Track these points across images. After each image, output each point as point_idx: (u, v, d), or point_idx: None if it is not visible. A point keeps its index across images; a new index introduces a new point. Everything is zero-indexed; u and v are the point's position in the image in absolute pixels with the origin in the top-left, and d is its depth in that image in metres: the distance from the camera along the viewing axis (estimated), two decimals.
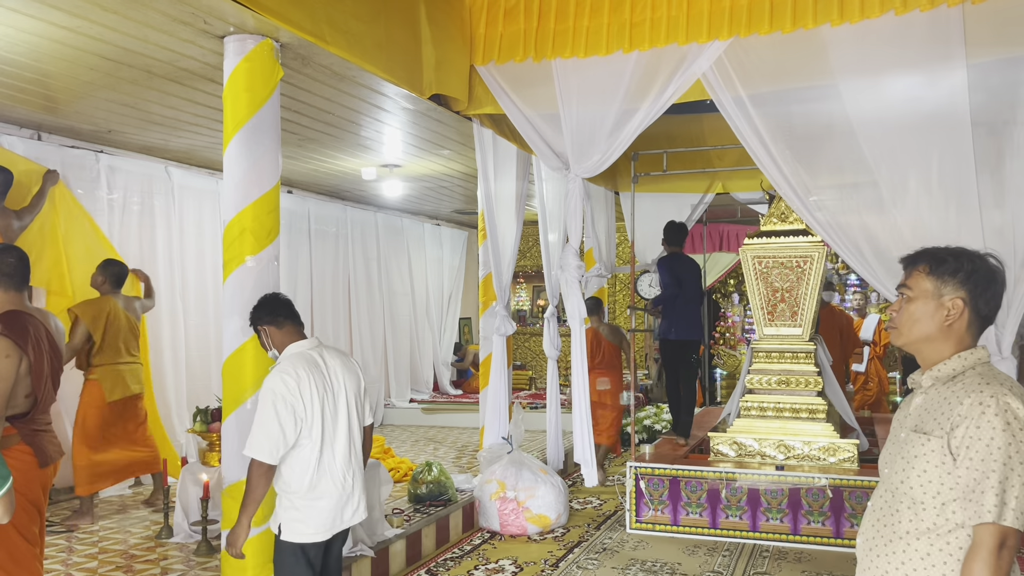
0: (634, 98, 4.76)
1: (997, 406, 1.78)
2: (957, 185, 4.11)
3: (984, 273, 1.91)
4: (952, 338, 1.93)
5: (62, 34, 4.21)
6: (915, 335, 1.95)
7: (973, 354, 1.92)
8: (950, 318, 1.91)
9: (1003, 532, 1.74)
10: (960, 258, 1.92)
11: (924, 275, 1.95)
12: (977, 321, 1.93)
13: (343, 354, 3.52)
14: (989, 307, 1.92)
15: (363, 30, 4.27)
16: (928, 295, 1.93)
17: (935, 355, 1.94)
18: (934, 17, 4.02)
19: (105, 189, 6.80)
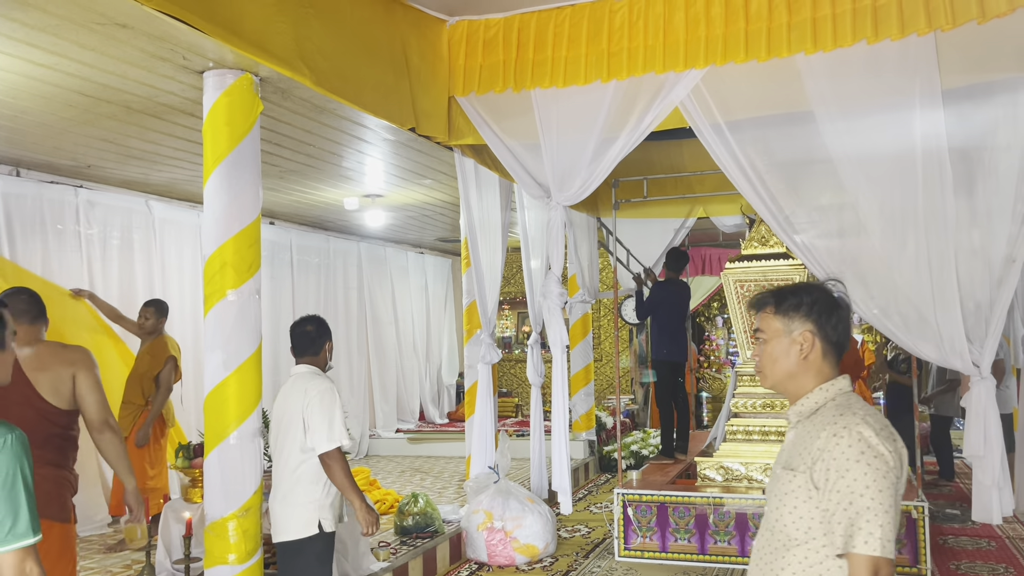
0: (613, 126, 4.80)
1: (850, 436, 1.81)
2: (932, 208, 4.16)
3: (825, 302, 1.97)
4: (811, 371, 1.98)
5: (40, 71, 4.21)
6: (778, 374, 2.00)
7: (833, 385, 1.96)
8: (804, 351, 1.96)
9: (875, 562, 1.76)
10: (799, 293, 1.99)
11: (771, 315, 2.01)
12: (830, 349, 1.98)
13: None
14: (837, 333, 1.97)
15: (343, 64, 4.29)
16: (780, 333, 1.98)
17: (799, 390, 2.00)
18: (906, 46, 4.09)
19: (84, 224, 6.76)
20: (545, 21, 4.87)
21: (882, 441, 1.82)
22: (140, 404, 6.01)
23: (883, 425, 1.87)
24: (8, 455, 1.95)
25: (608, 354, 12.12)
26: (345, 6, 4.31)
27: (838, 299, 1.99)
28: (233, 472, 3.95)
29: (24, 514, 1.94)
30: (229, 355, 3.97)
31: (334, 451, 3.48)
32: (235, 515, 3.92)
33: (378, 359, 11.09)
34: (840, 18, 4.14)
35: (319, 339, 3.73)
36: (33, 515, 1.97)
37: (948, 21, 3.94)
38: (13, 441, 1.97)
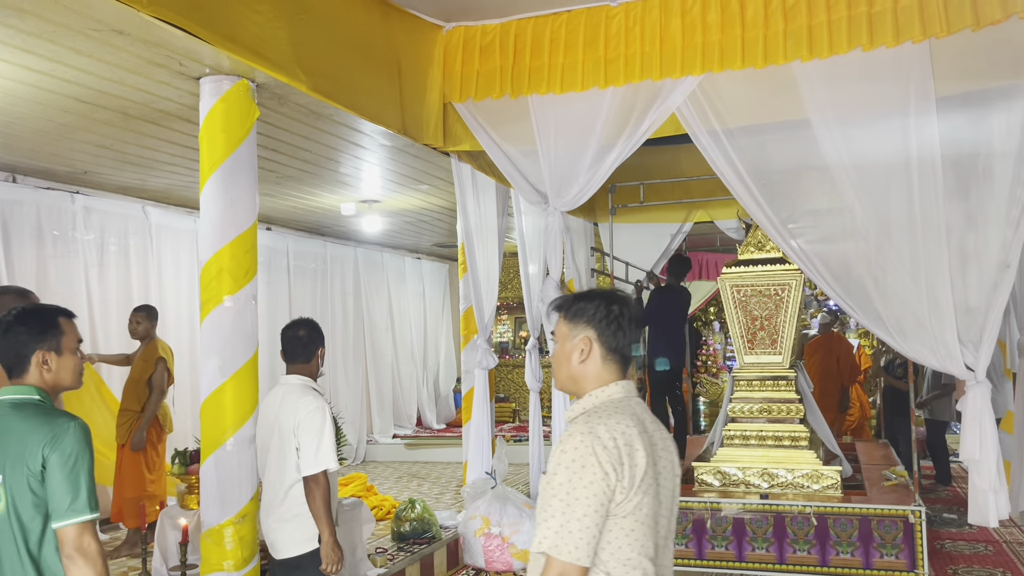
0: (611, 133, 4.81)
1: (573, 442, 1.85)
2: (928, 214, 4.18)
3: (608, 310, 2.03)
4: (590, 375, 2.03)
5: (37, 77, 4.21)
6: (561, 376, 2.07)
7: (604, 391, 2.01)
8: (582, 355, 2.02)
9: (560, 567, 1.79)
10: (586, 299, 2.05)
11: (562, 320, 2.08)
12: (610, 355, 2.03)
13: None
14: (617, 340, 2.03)
15: (339, 70, 4.30)
16: (565, 338, 2.06)
17: (580, 393, 2.06)
18: (900, 53, 4.10)
19: (81, 230, 6.75)
20: (542, 27, 4.88)
21: (600, 452, 1.83)
22: (136, 410, 6.00)
23: (619, 435, 1.87)
24: (72, 440, 2.23)
25: None
26: (341, 12, 4.32)
27: (623, 309, 2.03)
28: (229, 478, 3.95)
29: (83, 493, 2.21)
30: (225, 361, 3.97)
31: (319, 475, 3.35)
32: (231, 522, 3.92)
33: (375, 365, 11.08)
34: (836, 25, 4.16)
35: (311, 344, 3.60)
36: (91, 495, 2.22)
37: (943, 28, 3.96)
38: (76, 428, 2.26)
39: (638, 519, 1.86)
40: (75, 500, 2.19)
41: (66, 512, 2.19)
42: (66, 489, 2.19)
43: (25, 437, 2.24)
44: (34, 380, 2.38)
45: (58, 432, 2.23)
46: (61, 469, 2.20)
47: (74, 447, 2.22)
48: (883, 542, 5.31)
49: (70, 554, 2.18)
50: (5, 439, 2.27)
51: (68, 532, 2.18)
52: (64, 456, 2.21)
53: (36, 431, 2.24)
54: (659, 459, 1.98)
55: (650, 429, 1.99)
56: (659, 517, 1.95)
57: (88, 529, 2.20)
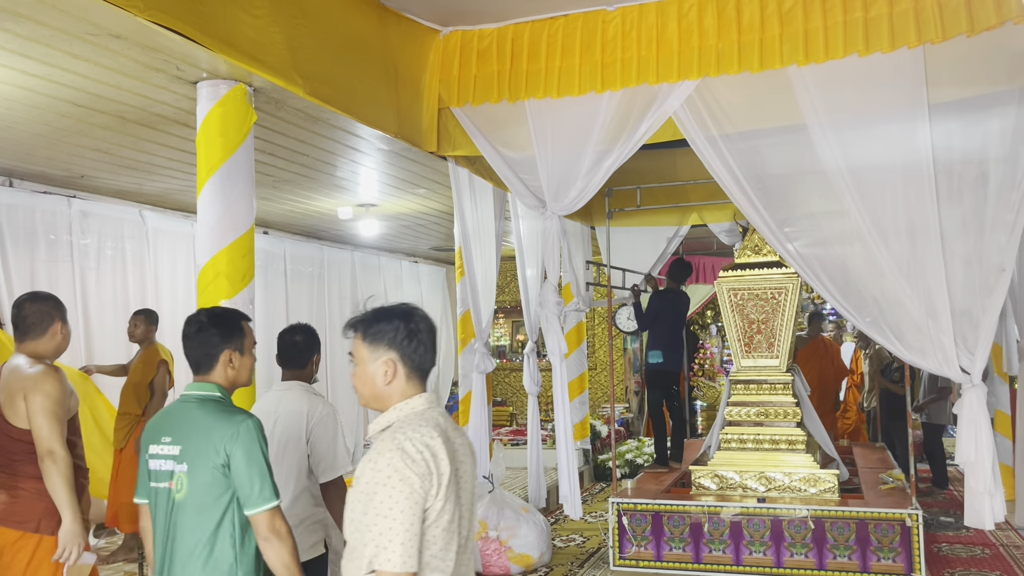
0: (608, 137, 4.82)
1: (388, 459, 1.91)
2: (924, 219, 4.19)
3: (407, 330, 2.08)
4: (395, 393, 2.08)
5: (33, 82, 4.20)
6: (366, 396, 2.12)
7: (407, 405, 2.07)
8: (387, 377, 2.07)
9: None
10: (384, 320, 2.09)
11: (360, 342, 2.10)
12: (414, 372, 2.09)
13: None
14: (419, 358, 2.09)
15: (336, 74, 4.31)
16: (366, 360, 2.09)
17: (385, 408, 2.10)
18: (896, 58, 4.12)
19: (78, 234, 6.74)
20: (538, 31, 4.89)
21: (410, 466, 1.90)
22: (136, 414, 5.97)
23: (424, 447, 1.94)
24: (247, 436, 2.44)
25: (602, 363, 12.13)
26: (338, 17, 4.33)
27: (419, 326, 2.09)
28: None
29: (267, 483, 2.43)
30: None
31: (338, 480, 3.40)
32: None
33: None
34: (832, 30, 4.17)
35: (306, 351, 3.57)
36: (272, 484, 2.45)
37: (938, 34, 3.97)
38: (253, 425, 2.48)
39: (442, 525, 1.95)
40: (262, 489, 2.42)
41: (256, 500, 2.41)
42: (251, 480, 2.41)
43: (209, 432, 2.45)
44: (218, 377, 2.59)
45: (239, 429, 2.44)
46: (244, 462, 2.42)
47: (253, 442, 2.44)
48: (880, 546, 5.31)
49: (266, 536, 2.41)
50: (190, 433, 2.48)
51: (261, 518, 2.41)
52: (245, 450, 2.42)
53: (219, 427, 2.45)
54: (460, 464, 2.06)
55: (451, 436, 2.07)
56: (461, 519, 2.03)
57: (277, 513, 2.43)
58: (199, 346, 2.59)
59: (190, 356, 2.61)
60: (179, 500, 2.47)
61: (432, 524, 1.94)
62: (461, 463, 2.06)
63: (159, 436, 2.54)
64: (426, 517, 1.92)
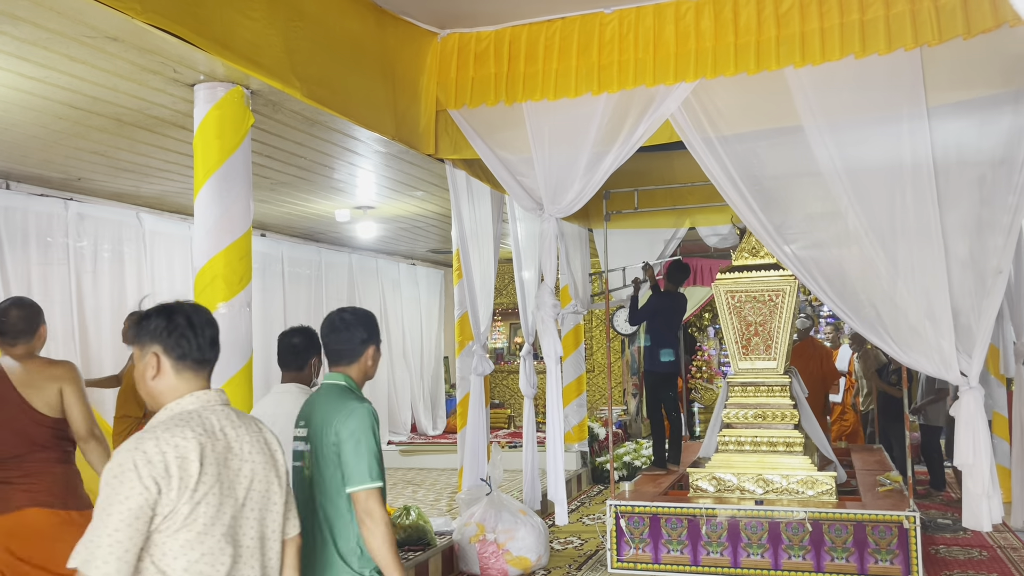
0: (605, 139, 4.82)
1: (121, 457, 1.91)
2: (921, 221, 4.20)
3: (168, 324, 2.08)
4: (165, 390, 2.09)
5: (30, 84, 4.20)
6: (144, 395, 2.14)
7: (177, 404, 2.08)
8: (153, 372, 2.09)
9: None
10: (146, 317, 2.11)
11: (134, 344, 2.14)
12: (181, 365, 2.09)
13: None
14: (183, 348, 2.08)
15: (333, 76, 4.31)
16: (138, 360, 2.11)
17: (159, 408, 2.12)
18: (893, 60, 4.13)
19: (74, 237, 6.73)
20: (536, 34, 4.90)
21: (141, 466, 1.89)
22: (137, 416, 5.85)
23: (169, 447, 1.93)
24: (357, 417, 2.57)
25: (600, 365, 12.12)
26: (335, 19, 4.33)
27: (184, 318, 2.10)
28: None
29: (373, 464, 2.54)
30: (219, 368, 3.93)
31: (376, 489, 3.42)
32: None
33: None
34: (828, 32, 4.18)
35: (304, 353, 3.54)
36: (376, 467, 2.55)
37: (934, 37, 3.98)
38: (364, 410, 2.61)
39: (196, 529, 1.94)
40: (361, 468, 2.53)
41: (355, 479, 2.53)
42: (353, 459, 2.53)
43: (328, 415, 2.62)
44: (355, 370, 2.78)
45: (350, 412, 2.58)
46: (350, 441, 2.55)
47: (360, 425, 2.56)
48: (878, 548, 5.32)
49: (360, 516, 2.53)
50: (315, 417, 2.67)
51: (358, 496, 2.53)
52: (352, 430, 2.55)
53: (336, 410, 2.61)
54: (237, 464, 2.08)
55: (229, 435, 2.09)
56: (240, 521, 2.06)
57: (373, 495, 2.52)
58: (346, 341, 2.78)
59: (332, 349, 2.80)
60: (307, 478, 2.67)
61: (180, 529, 1.92)
62: (242, 462, 2.09)
63: (299, 420, 2.78)
64: (162, 526, 1.91)
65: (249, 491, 2.11)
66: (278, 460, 2.25)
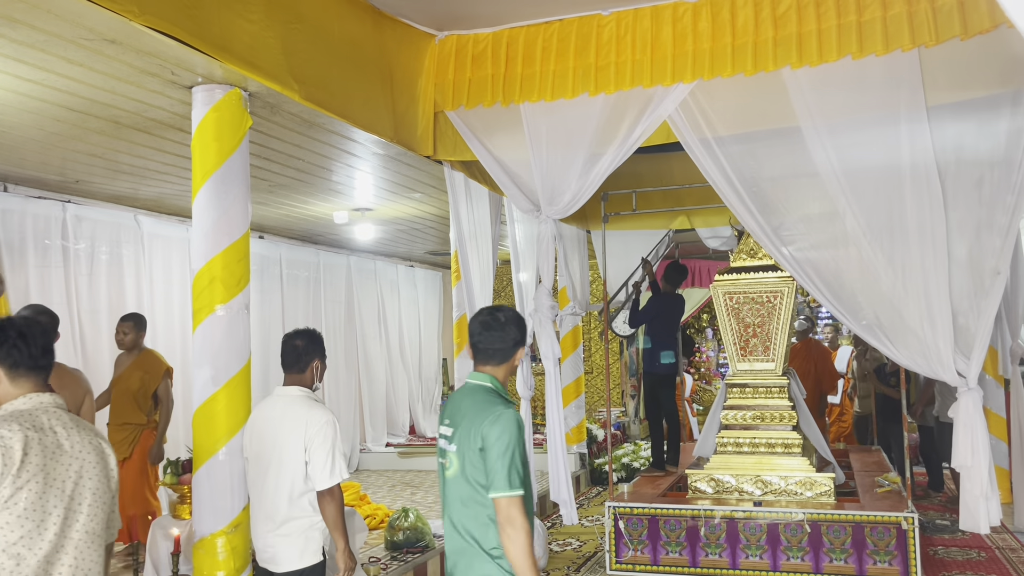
0: (602, 141, 4.82)
1: None
2: (919, 222, 4.20)
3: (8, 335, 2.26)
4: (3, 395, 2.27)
5: (28, 87, 4.20)
6: None
7: (11, 405, 2.26)
8: None
9: None
10: None
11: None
12: (15, 372, 2.27)
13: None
14: (15, 357, 2.26)
15: (331, 78, 4.31)
16: None
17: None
18: (890, 61, 4.13)
19: (72, 239, 6.72)
20: (533, 36, 4.90)
21: None
22: (140, 423, 5.81)
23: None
24: (502, 423, 2.59)
25: (599, 367, 12.13)
26: (333, 21, 4.33)
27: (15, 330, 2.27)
28: (222, 488, 3.93)
29: (512, 471, 2.55)
30: (218, 371, 3.95)
31: (334, 487, 3.38)
32: (224, 532, 3.90)
33: (368, 373, 11.06)
34: (825, 33, 4.19)
35: (305, 356, 3.52)
36: (519, 475, 2.57)
37: (931, 37, 3.99)
38: (510, 415, 2.63)
39: (16, 513, 2.11)
40: (502, 477, 2.55)
41: (497, 485, 2.55)
42: (497, 466, 2.55)
43: (473, 419, 2.65)
44: (500, 370, 2.82)
45: (497, 417, 2.60)
46: (495, 447, 2.57)
47: (506, 432, 2.58)
48: (876, 549, 5.32)
49: (501, 522, 2.56)
50: (461, 416, 2.71)
51: (499, 503, 2.55)
52: (497, 436, 2.57)
53: (481, 414, 2.64)
54: (67, 460, 2.23)
55: (59, 433, 2.24)
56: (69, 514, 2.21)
57: (515, 503, 2.54)
58: (500, 340, 2.80)
59: (483, 348, 2.82)
60: (450, 477, 2.72)
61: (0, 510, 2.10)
62: (68, 462, 2.23)
63: (443, 417, 2.84)
64: None
65: (78, 486, 2.25)
66: (110, 466, 2.38)
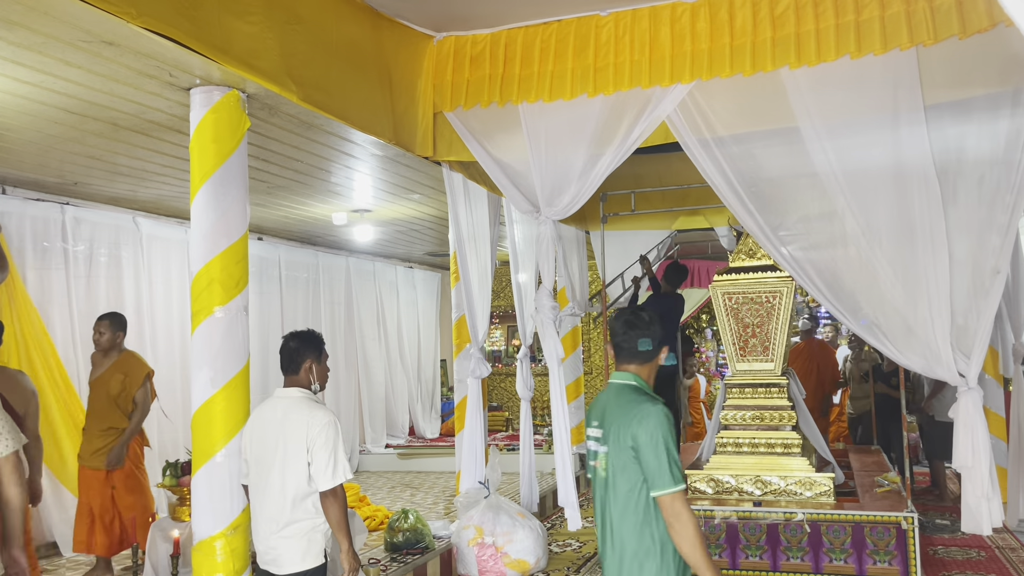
0: (601, 141, 4.82)
1: None
2: (919, 221, 4.19)
3: None
4: None
5: (26, 89, 4.19)
6: None
7: None
8: None
9: None
10: None
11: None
12: None
13: None
14: None
15: (329, 80, 4.31)
16: None
17: None
18: (889, 61, 4.13)
19: (71, 241, 6.72)
20: (531, 37, 4.90)
21: None
22: (122, 426, 5.61)
23: None
24: (652, 421, 2.61)
25: (598, 367, 12.12)
26: (332, 23, 4.33)
27: None
28: (221, 490, 3.92)
29: (671, 467, 2.57)
30: (217, 372, 3.94)
31: (337, 488, 3.38)
32: (223, 534, 3.89)
33: (367, 374, 11.06)
34: (823, 33, 4.19)
35: (298, 357, 3.52)
36: (677, 469, 2.58)
37: (930, 36, 3.99)
38: (659, 411, 2.64)
39: None
40: (663, 472, 2.55)
41: (658, 483, 2.56)
42: (654, 464, 2.57)
43: (621, 418, 2.67)
44: (647, 370, 2.84)
45: (646, 415, 2.62)
46: (649, 445, 2.58)
47: (658, 428, 2.59)
48: (876, 549, 5.31)
49: (668, 519, 2.56)
50: (609, 418, 2.73)
51: (663, 500, 2.56)
52: (650, 434, 2.59)
53: (629, 414, 2.65)
54: None
55: None
56: None
57: (679, 498, 2.56)
58: (643, 340, 2.81)
59: (627, 348, 2.84)
60: (605, 479, 2.73)
61: None
62: None
63: (591, 419, 2.85)
64: None
65: None
66: None
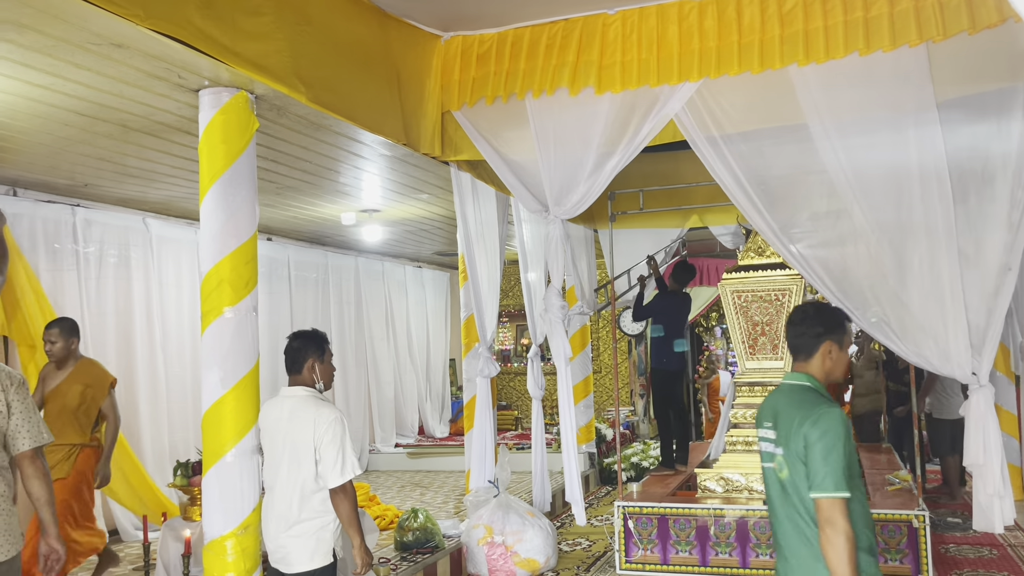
0: (609, 140, 4.81)
1: None
2: (929, 218, 4.17)
3: None
4: None
5: (37, 92, 4.22)
6: None
7: None
8: None
9: None
10: None
11: None
12: None
13: None
14: None
15: (338, 80, 4.31)
16: None
17: None
18: (898, 57, 4.11)
19: (81, 243, 6.76)
20: (538, 35, 4.89)
21: None
22: (78, 442, 5.06)
23: None
24: (824, 422, 2.53)
25: (607, 366, 12.11)
26: (340, 24, 4.34)
27: None
28: (231, 490, 3.94)
29: (840, 473, 2.47)
30: (227, 373, 3.96)
31: (347, 484, 3.39)
32: (234, 533, 3.91)
33: (377, 374, 11.08)
34: (832, 30, 4.17)
35: (300, 356, 3.53)
36: (842, 476, 2.47)
37: (939, 32, 3.96)
38: (833, 414, 2.55)
39: None
40: (823, 477, 2.48)
41: (816, 485, 2.49)
42: (821, 467, 2.49)
43: (794, 420, 2.60)
44: (815, 367, 2.75)
45: (819, 416, 2.54)
46: (817, 446, 2.51)
47: (830, 431, 2.51)
48: (887, 547, 5.29)
49: (821, 524, 2.49)
50: (782, 419, 2.68)
51: (821, 503, 2.49)
52: (820, 435, 2.51)
53: (802, 415, 2.59)
54: None
55: None
56: None
57: (837, 505, 2.46)
58: (800, 335, 2.77)
59: (790, 344, 2.81)
60: (782, 479, 2.68)
61: None
62: None
63: (762, 420, 2.81)
64: None
65: None
66: None
